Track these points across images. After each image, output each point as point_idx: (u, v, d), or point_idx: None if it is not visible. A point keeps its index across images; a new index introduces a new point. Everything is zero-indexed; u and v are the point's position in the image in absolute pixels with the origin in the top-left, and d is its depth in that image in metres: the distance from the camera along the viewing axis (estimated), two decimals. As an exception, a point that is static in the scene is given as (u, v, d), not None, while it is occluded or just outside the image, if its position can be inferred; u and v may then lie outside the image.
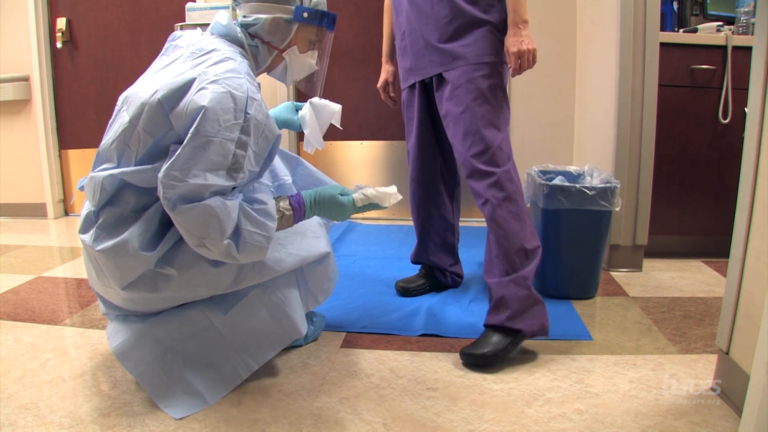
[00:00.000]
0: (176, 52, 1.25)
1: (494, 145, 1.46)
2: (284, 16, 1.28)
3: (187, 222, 1.10)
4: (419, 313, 1.74)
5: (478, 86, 1.47)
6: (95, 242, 1.17)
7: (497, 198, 1.44)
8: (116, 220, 1.18)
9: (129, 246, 1.15)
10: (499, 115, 1.49)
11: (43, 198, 3.34)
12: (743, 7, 2.21)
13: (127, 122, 1.15)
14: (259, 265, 1.25)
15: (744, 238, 1.16)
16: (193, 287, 1.23)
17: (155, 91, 1.13)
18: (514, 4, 1.43)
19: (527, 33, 1.43)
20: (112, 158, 1.19)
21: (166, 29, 3.12)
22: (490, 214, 1.45)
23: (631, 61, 2.06)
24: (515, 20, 1.43)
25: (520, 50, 1.41)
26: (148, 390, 1.24)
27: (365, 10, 3.02)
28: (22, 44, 3.19)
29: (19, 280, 2.14)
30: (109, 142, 1.19)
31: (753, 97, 1.14)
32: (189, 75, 1.14)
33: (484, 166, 1.45)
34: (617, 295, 1.93)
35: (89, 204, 1.23)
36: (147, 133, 1.13)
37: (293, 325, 1.33)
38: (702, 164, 2.22)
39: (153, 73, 1.24)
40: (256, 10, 1.27)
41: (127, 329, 1.28)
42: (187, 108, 1.10)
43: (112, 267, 1.18)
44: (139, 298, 1.22)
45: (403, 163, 3.12)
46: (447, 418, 1.18)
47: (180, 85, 1.12)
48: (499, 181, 1.44)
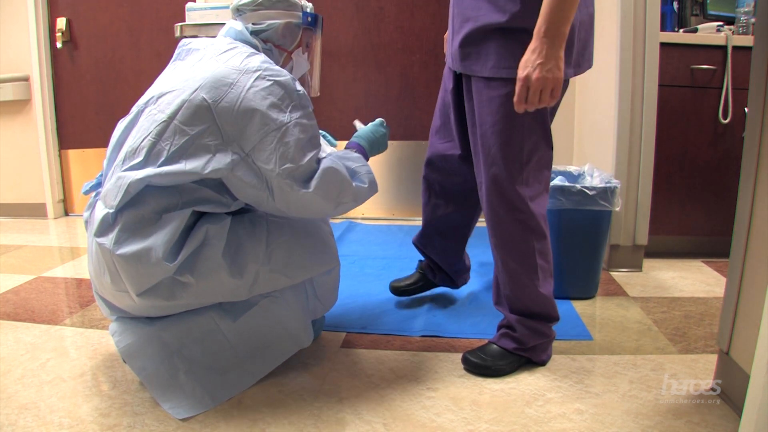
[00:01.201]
0: (194, 55, 1.30)
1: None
2: (294, 21, 1.40)
3: (324, 191, 1.24)
4: (419, 314, 1.74)
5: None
6: (116, 246, 1.15)
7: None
8: (137, 222, 1.17)
9: (152, 254, 1.14)
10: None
11: (43, 198, 3.34)
12: (743, 7, 2.21)
13: (163, 119, 1.18)
14: (273, 275, 1.27)
15: (744, 238, 1.16)
16: (209, 296, 1.24)
17: (196, 89, 1.18)
18: (547, 8, 1.09)
19: (555, 54, 1.07)
20: (139, 154, 1.19)
21: (166, 29, 3.13)
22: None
23: (631, 61, 2.05)
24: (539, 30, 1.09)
25: (529, 76, 1.10)
26: (152, 391, 1.24)
27: (365, 10, 3.02)
28: (22, 44, 3.19)
29: (19, 280, 2.14)
30: (140, 140, 1.19)
31: (753, 97, 1.14)
32: (226, 69, 1.21)
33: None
34: (617, 295, 1.93)
35: (104, 206, 1.20)
36: (185, 126, 1.17)
37: (298, 335, 1.36)
38: (702, 164, 2.22)
39: (175, 74, 1.27)
40: (267, 17, 1.37)
41: (135, 330, 1.27)
42: (239, 106, 1.18)
43: (132, 273, 1.16)
44: (153, 305, 1.21)
45: (402, 162, 3.12)
46: (447, 418, 1.18)
47: (220, 78, 1.19)
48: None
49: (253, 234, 1.26)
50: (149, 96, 1.26)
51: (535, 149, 1.29)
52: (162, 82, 1.28)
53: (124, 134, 1.26)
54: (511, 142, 1.27)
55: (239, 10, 1.38)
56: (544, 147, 1.31)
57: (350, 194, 1.29)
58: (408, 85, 3.07)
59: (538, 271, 1.34)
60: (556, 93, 1.10)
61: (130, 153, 1.20)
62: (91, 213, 1.28)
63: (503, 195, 1.31)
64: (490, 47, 1.25)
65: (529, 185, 1.30)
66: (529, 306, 1.37)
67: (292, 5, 1.39)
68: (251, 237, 1.25)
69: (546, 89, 1.09)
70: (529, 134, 1.27)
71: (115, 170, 1.22)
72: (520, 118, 1.25)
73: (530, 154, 1.29)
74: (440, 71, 3.36)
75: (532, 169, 1.30)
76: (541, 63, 1.07)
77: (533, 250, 1.33)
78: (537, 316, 1.37)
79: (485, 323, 1.66)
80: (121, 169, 1.19)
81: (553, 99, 1.10)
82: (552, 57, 1.07)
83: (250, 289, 1.25)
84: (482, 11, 1.24)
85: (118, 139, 1.27)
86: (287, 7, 1.38)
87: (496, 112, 1.27)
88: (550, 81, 1.08)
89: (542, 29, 1.07)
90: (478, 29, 1.26)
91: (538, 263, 1.34)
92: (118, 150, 1.26)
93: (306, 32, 1.44)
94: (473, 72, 1.30)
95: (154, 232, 1.16)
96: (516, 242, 1.33)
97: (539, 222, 1.32)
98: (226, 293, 1.25)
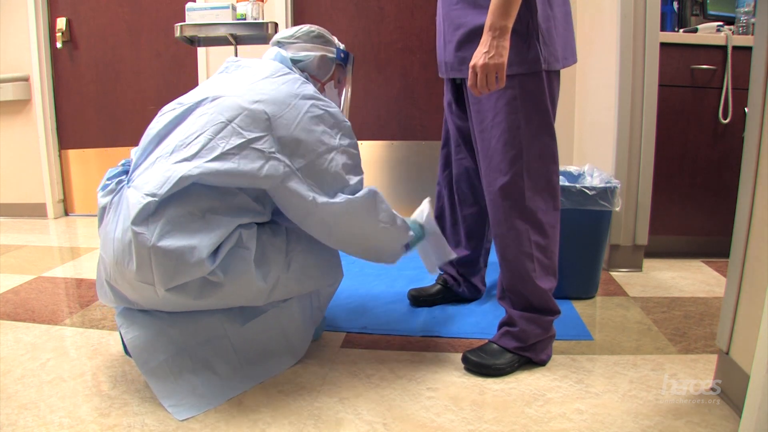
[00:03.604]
0: (245, 71, 1.36)
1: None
2: (329, 55, 1.51)
3: (366, 206, 1.33)
4: (419, 314, 1.74)
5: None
6: (159, 237, 1.14)
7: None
8: (182, 217, 1.17)
9: (196, 253, 1.15)
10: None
11: (43, 198, 3.34)
12: (743, 7, 2.21)
13: (221, 120, 1.22)
14: (289, 282, 1.32)
15: (744, 238, 1.16)
16: (234, 298, 1.26)
17: (256, 101, 1.24)
18: (492, 5, 1.20)
19: (498, 43, 1.18)
20: (191, 148, 1.20)
21: (166, 29, 3.13)
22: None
23: (631, 61, 2.05)
24: (487, 25, 1.20)
25: (476, 64, 1.20)
26: (154, 388, 1.24)
27: (365, 10, 3.03)
28: (22, 44, 3.19)
29: (19, 280, 2.14)
30: (194, 135, 1.21)
31: (753, 97, 1.14)
32: (286, 90, 1.29)
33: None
34: (617, 295, 1.93)
35: (139, 193, 1.16)
36: (243, 129, 1.22)
37: (297, 348, 1.42)
38: (702, 164, 2.22)
39: (228, 82, 1.32)
40: (306, 49, 1.48)
41: (144, 323, 1.27)
42: (296, 126, 1.26)
43: (168, 267, 1.15)
44: (176, 302, 1.21)
45: (402, 162, 3.12)
46: (447, 418, 1.18)
47: (280, 98, 1.27)
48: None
49: (274, 241, 1.30)
50: (201, 96, 1.28)
51: (536, 141, 1.33)
52: (214, 87, 1.31)
53: (167, 128, 1.27)
54: (512, 134, 1.31)
55: (280, 43, 1.48)
56: (547, 140, 1.34)
57: (389, 217, 1.37)
58: (408, 85, 3.07)
59: (534, 262, 1.36)
60: (501, 75, 1.20)
61: (180, 146, 1.21)
62: (116, 199, 1.23)
63: (503, 186, 1.34)
64: None
65: (531, 178, 1.33)
66: (528, 299, 1.39)
67: (328, 42, 1.52)
68: (273, 244, 1.29)
69: (491, 73, 1.19)
70: (528, 126, 1.31)
71: (158, 160, 1.21)
72: (520, 111, 1.30)
73: (531, 148, 1.32)
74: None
75: (534, 160, 1.33)
76: (486, 52, 1.19)
77: (530, 241, 1.35)
78: (536, 309, 1.39)
79: (485, 323, 1.66)
80: (170, 161, 1.19)
81: (501, 82, 1.21)
82: (494, 46, 1.18)
83: (269, 295, 1.29)
84: (469, 17, 1.33)
85: (158, 131, 1.27)
86: (323, 43, 1.50)
87: (493, 108, 1.33)
88: (492, 66, 1.19)
89: (487, 24, 1.20)
90: (469, 32, 1.33)
91: (535, 255, 1.36)
92: (156, 141, 1.27)
93: (339, 68, 1.55)
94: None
95: (200, 231, 1.17)
96: (514, 233, 1.36)
97: (537, 216, 1.35)
98: (249, 297, 1.27)
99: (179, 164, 1.18)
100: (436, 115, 3.06)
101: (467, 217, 1.73)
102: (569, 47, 1.40)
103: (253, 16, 2.58)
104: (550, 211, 1.37)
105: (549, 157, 1.35)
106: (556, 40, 1.33)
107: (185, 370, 1.26)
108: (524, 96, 1.30)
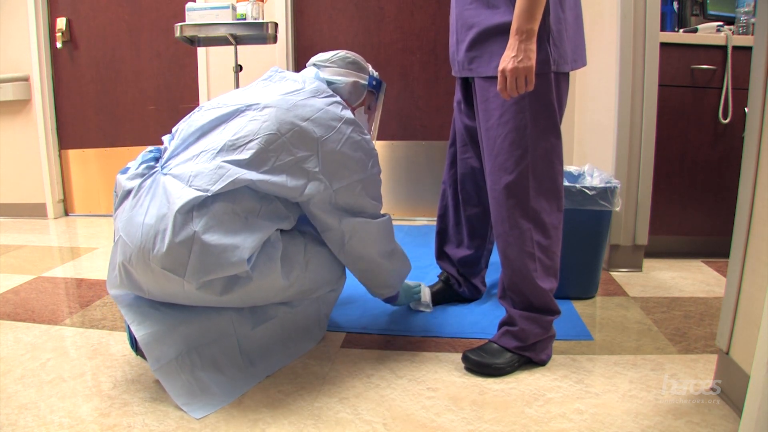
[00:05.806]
0: (288, 83, 1.40)
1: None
2: (361, 81, 1.55)
3: (385, 230, 1.46)
4: (419, 314, 1.74)
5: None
6: (205, 230, 1.16)
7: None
8: (228, 215, 1.20)
9: (238, 253, 1.18)
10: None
11: (43, 198, 3.34)
12: (743, 7, 2.21)
13: (273, 130, 1.27)
14: (306, 283, 1.37)
15: (744, 238, 1.16)
16: (258, 295, 1.29)
17: (307, 118, 1.30)
18: (517, 10, 1.22)
19: (525, 47, 1.20)
20: (244, 152, 1.23)
21: (166, 29, 3.13)
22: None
23: (631, 61, 2.06)
24: (513, 29, 1.22)
25: (505, 68, 1.22)
26: (166, 386, 1.23)
27: (365, 10, 3.03)
28: (22, 44, 3.19)
29: (19, 280, 2.14)
30: (246, 139, 1.25)
31: (753, 97, 1.14)
32: (332, 113, 1.35)
33: None
34: (617, 295, 1.93)
35: (184, 184, 1.18)
36: (293, 147, 1.28)
37: (299, 350, 1.48)
38: (702, 164, 2.23)
39: (274, 91, 1.35)
40: (340, 74, 1.53)
41: (156, 320, 1.26)
42: (339, 148, 1.33)
43: (207, 261, 1.17)
44: (199, 296, 1.22)
45: (401, 162, 3.12)
46: (447, 418, 1.18)
47: (326, 120, 1.33)
48: None
49: (294, 242, 1.35)
50: (251, 101, 1.31)
51: (543, 141, 1.33)
52: (262, 94, 1.34)
53: (211, 124, 1.30)
54: (519, 134, 1.32)
55: (316, 65, 1.53)
56: (554, 140, 1.35)
57: (396, 245, 1.52)
58: (408, 85, 3.07)
59: (536, 262, 1.36)
60: (530, 78, 1.22)
61: (231, 147, 1.24)
62: (146, 183, 1.24)
63: (508, 185, 1.34)
64: (493, 48, 1.32)
65: (536, 178, 1.34)
66: (529, 298, 1.39)
67: (362, 68, 1.56)
68: (293, 245, 1.35)
69: (520, 77, 1.21)
70: (535, 126, 1.32)
71: (203, 154, 1.24)
72: (527, 111, 1.31)
73: (537, 148, 1.33)
74: (440, 71, 3.37)
75: (540, 161, 1.33)
76: (514, 56, 1.21)
77: (532, 241, 1.35)
78: (537, 309, 1.39)
79: (485, 322, 1.66)
80: (219, 158, 1.22)
81: (530, 84, 1.22)
82: (522, 50, 1.20)
83: (287, 294, 1.34)
84: (482, 16, 1.34)
85: (202, 125, 1.29)
86: (357, 69, 1.55)
87: (500, 107, 1.33)
88: (521, 70, 1.20)
89: (514, 28, 1.22)
90: (481, 32, 1.34)
91: (537, 255, 1.36)
92: (198, 135, 1.29)
93: (370, 95, 1.60)
94: (479, 73, 1.37)
95: (242, 232, 1.21)
96: (517, 233, 1.35)
97: (541, 216, 1.35)
98: (270, 295, 1.32)
99: (233, 165, 1.22)
100: (436, 115, 3.06)
101: (471, 217, 1.73)
102: (579, 50, 1.40)
103: (253, 16, 2.58)
104: (554, 212, 1.38)
105: (555, 158, 1.35)
106: (567, 43, 1.33)
107: (195, 368, 1.27)
108: (532, 96, 1.30)
